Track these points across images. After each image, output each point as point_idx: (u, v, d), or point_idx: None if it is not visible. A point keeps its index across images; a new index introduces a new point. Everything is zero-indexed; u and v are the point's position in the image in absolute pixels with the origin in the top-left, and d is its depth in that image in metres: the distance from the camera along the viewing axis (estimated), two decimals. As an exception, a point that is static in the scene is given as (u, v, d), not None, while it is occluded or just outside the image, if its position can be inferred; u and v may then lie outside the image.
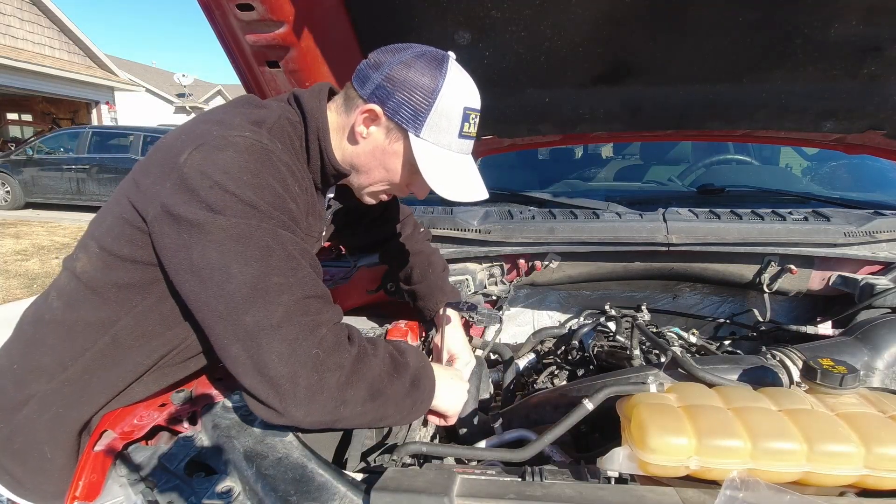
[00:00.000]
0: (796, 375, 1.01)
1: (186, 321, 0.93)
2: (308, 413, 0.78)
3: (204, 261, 0.78)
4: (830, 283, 1.58)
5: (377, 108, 0.93)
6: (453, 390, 1.05)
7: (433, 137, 0.94)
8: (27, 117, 16.44)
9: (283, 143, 0.91)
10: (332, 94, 1.04)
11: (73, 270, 0.94)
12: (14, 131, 16.64)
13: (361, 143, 0.98)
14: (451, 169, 0.97)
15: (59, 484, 0.96)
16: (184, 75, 22.70)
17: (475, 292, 1.64)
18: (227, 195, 0.79)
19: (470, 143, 1.00)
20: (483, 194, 1.01)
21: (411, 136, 0.94)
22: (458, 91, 0.94)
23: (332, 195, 1.15)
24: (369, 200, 1.10)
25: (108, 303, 0.91)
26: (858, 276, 1.51)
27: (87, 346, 0.92)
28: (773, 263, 1.57)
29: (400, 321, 1.36)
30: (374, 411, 0.85)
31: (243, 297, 0.77)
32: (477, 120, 0.99)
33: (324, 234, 1.16)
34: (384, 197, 1.09)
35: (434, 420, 1.09)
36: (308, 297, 0.82)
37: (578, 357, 1.46)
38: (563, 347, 1.52)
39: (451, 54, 0.95)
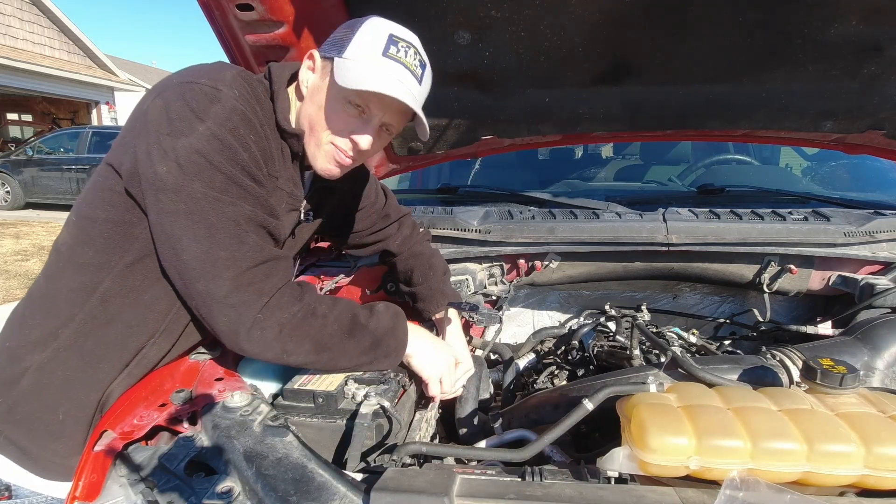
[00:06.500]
0: (796, 375, 1.01)
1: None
2: (259, 354, 0.93)
3: (166, 226, 0.87)
4: (830, 283, 1.58)
5: (314, 51, 0.99)
6: (431, 356, 1.11)
7: (354, 54, 0.93)
8: (27, 117, 16.43)
9: (240, 91, 0.93)
10: None
11: (55, 247, 0.99)
12: (14, 131, 16.60)
13: (305, 94, 1.01)
14: (368, 71, 0.92)
15: (66, 457, 0.97)
16: (184, 75, 22.64)
17: (475, 292, 1.64)
18: (176, 141, 0.84)
19: (400, 68, 0.94)
20: (401, 94, 0.93)
21: (335, 60, 0.94)
22: (385, 23, 0.97)
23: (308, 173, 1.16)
24: (324, 164, 1.03)
25: (87, 267, 0.94)
26: (858, 276, 1.51)
27: (75, 312, 0.95)
28: (773, 263, 1.57)
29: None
30: (322, 362, 0.98)
31: (194, 268, 0.87)
32: (410, 51, 0.96)
33: (303, 206, 1.14)
34: (341, 158, 1.02)
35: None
36: (252, 267, 0.89)
37: (578, 357, 1.45)
38: (563, 347, 1.51)
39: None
